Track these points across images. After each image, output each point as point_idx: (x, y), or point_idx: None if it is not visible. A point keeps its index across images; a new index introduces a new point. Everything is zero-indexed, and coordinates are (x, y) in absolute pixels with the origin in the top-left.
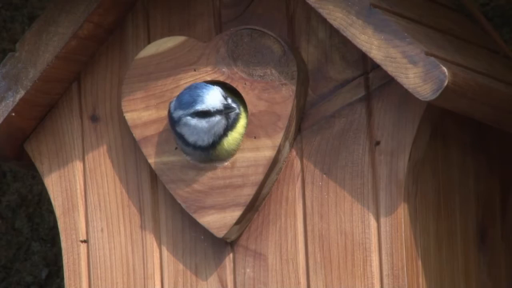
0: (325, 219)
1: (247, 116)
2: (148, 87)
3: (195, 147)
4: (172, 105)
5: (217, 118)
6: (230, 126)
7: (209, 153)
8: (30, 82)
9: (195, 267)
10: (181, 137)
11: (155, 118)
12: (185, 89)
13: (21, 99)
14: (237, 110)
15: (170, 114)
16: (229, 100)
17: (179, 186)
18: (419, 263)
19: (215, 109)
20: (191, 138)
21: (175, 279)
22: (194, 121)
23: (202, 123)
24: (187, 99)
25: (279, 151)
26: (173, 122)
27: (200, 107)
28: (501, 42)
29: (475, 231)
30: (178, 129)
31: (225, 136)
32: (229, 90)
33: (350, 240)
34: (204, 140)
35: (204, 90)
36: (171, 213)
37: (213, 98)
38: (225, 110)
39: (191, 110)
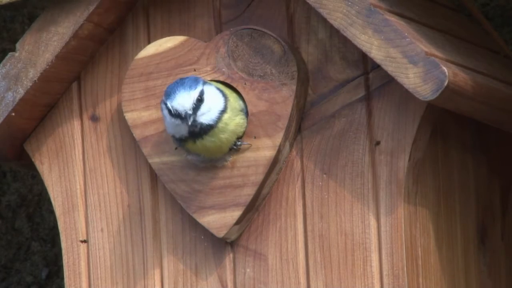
0: (325, 219)
1: (242, 117)
2: (148, 87)
3: (167, 131)
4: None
5: (177, 121)
6: (200, 133)
7: (184, 145)
8: (30, 82)
9: (195, 267)
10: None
11: (155, 118)
12: (181, 78)
13: (21, 99)
14: (194, 124)
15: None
16: (203, 112)
17: (179, 186)
18: (419, 263)
19: (176, 112)
20: (164, 122)
21: (175, 279)
22: (165, 112)
23: (167, 117)
24: (169, 89)
25: (279, 151)
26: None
27: (168, 103)
28: (501, 42)
29: (475, 231)
30: (161, 110)
31: (200, 138)
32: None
33: (350, 240)
34: (170, 131)
35: (182, 90)
36: (171, 213)
37: (182, 101)
38: (184, 119)
39: (164, 101)
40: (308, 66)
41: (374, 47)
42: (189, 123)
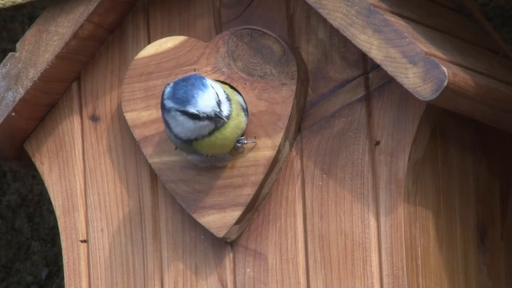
0: (325, 219)
1: (243, 114)
2: (148, 87)
3: (176, 137)
4: (167, 91)
5: (205, 123)
6: (216, 129)
7: (191, 145)
8: (30, 82)
9: (195, 267)
10: (167, 123)
11: (155, 118)
12: (183, 81)
13: (21, 99)
14: (226, 120)
15: (162, 98)
16: (222, 106)
17: (179, 186)
18: (419, 263)
19: (205, 115)
20: (175, 129)
21: (175, 279)
22: (182, 118)
23: (189, 123)
24: (182, 95)
25: (279, 151)
26: (163, 108)
27: (191, 109)
28: (501, 42)
29: (475, 231)
30: (166, 117)
31: (209, 136)
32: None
33: (350, 240)
34: (187, 135)
35: (200, 92)
36: (171, 213)
37: (206, 102)
38: (215, 118)
39: (182, 109)
40: (308, 66)
41: (374, 47)
42: (223, 119)
